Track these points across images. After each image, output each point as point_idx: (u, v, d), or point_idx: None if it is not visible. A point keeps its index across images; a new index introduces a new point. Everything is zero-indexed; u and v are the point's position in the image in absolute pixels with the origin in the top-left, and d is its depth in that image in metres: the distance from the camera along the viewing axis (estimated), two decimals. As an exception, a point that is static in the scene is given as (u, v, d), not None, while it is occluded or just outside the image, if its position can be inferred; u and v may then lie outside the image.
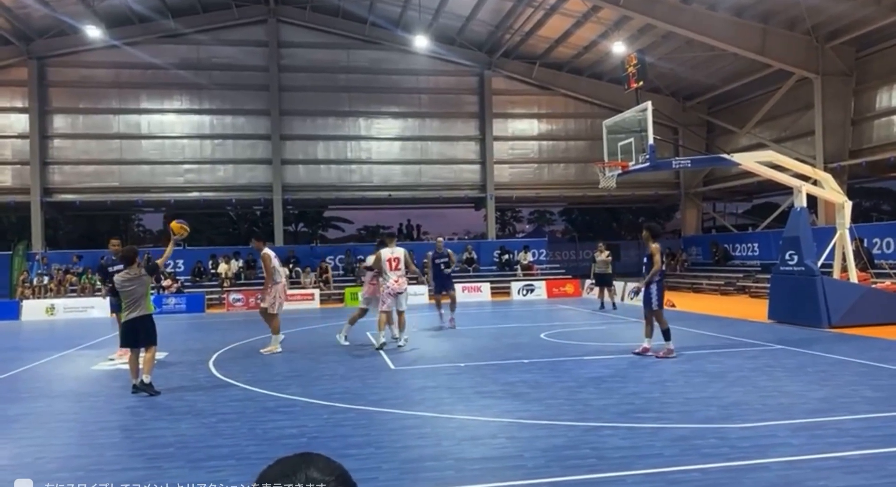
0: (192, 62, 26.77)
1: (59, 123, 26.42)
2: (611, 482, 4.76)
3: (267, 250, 11.61)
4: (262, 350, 11.57)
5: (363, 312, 12.49)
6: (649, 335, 10.29)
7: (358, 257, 26.57)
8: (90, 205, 27.72)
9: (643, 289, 10.24)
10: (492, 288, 24.77)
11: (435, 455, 5.47)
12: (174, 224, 9.43)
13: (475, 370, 9.39)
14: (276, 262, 11.69)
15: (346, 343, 12.08)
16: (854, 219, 14.77)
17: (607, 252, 18.88)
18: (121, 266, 11.11)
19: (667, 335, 10.08)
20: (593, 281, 19.54)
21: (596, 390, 7.85)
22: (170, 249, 9.28)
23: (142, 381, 8.19)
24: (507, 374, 8.99)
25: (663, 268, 10.40)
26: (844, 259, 14.41)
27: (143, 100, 26.91)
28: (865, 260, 15.91)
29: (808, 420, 6.18)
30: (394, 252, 11.77)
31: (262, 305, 11.62)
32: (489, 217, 29.44)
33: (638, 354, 10.22)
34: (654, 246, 10.31)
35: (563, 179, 29.61)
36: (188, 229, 9.46)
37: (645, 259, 10.48)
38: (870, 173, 23.72)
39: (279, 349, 11.59)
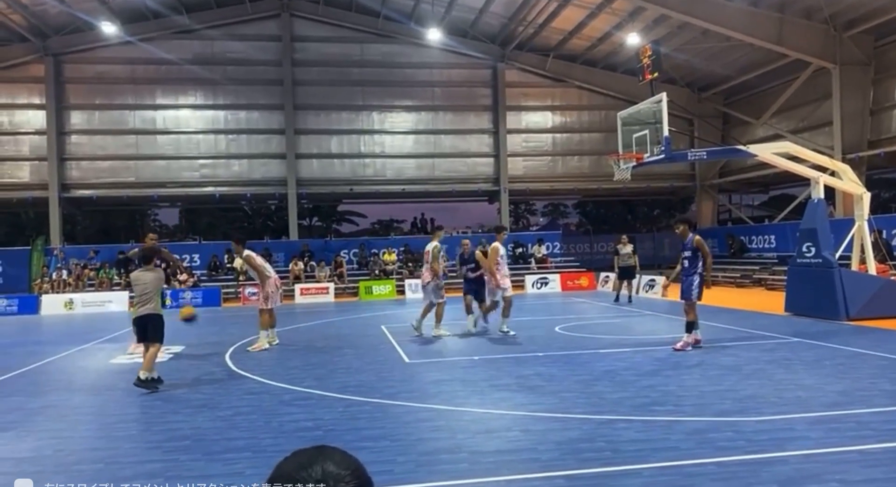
0: (207, 57, 26.90)
1: (76, 119, 26.66)
2: (626, 475, 4.75)
3: (248, 252, 11.62)
4: (249, 348, 11.40)
5: (494, 303, 12.65)
6: (697, 326, 10.32)
7: (372, 251, 26.65)
8: (107, 200, 27.99)
9: (691, 281, 10.16)
10: (506, 281, 24.70)
11: (450, 448, 5.48)
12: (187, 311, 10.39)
13: (489, 364, 9.40)
14: (259, 259, 11.74)
15: (475, 329, 12.59)
16: (872, 210, 14.60)
17: (631, 245, 18.63)
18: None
19: (689, 327, 10.14)
20: (616, 274, 19.25)
21: (611, 383, 7.82)
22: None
23: (138, 377, 8.11)
24: (522, 367, 8.99)
25: (701, 263, 10.24)
26: (863, 251, 14.24)
27: (159, 95, 27.08)
28: (884, 252, 15.72)
29: (826, 414, 6.14)
30: (427, 246, 12.52)
31: (261, 306, 11.59)
32: (503, 210, 29.38)
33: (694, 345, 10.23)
34: (698, 238, 10.26)
35: (577, 171, 29.49)
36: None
37: (688, 253, 10.27)
38: (888, 164, 23.42)
39: (266, 346, 11.47)
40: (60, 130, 26.13)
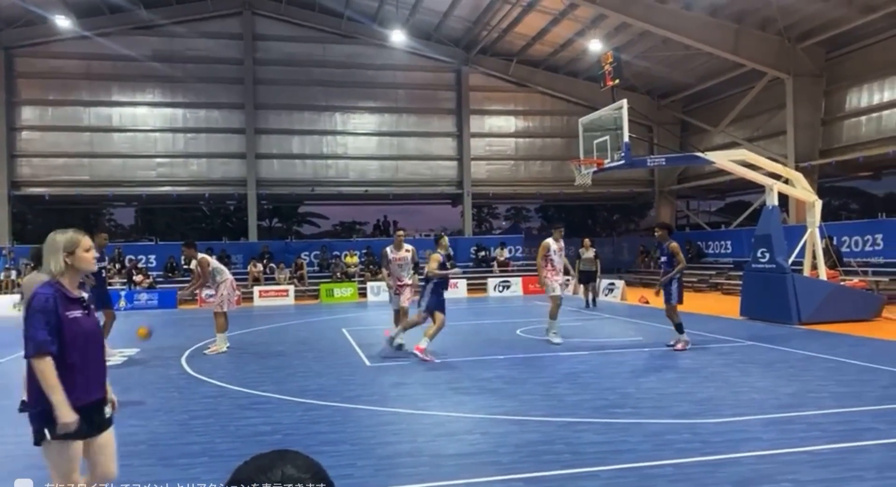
0: (166, 54, 26.37)
1: (28, 114, 25.88)
2: (585, 477, 4.78)
3: (202, 255, 11.37)
4: (206, 351, 11.18)
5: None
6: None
7: (334, 253, 26.43)
8: (59, 199, 27.19)
9: (670, 285, 10.50)
10: (468, 284, 24.80)
11: (410, 452, 5.45)
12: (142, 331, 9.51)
13: (451, 367, 9.39)
14: (215, 263, 11.53)
15: (559, 341, 11.34)
16: (823, 217, 15.02)
17: (594, 249, 18.33)
18: (105, 264, 10.76)
19: (679, 328, 10.45)
20: (577, 279, 18.64)
21: (571, 385, 7.89)
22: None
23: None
24: (483, 370, 9.00)
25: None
26: (814, 257, 14.65)
27: (115, 92, 26.45)
28: (834, 258, 16.19)
29: (779, 415, 6.28)
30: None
31: (217, 309, 11.33)
32: (466, 214, 29.47)
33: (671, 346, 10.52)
34: (674, 245, 10.52)
35: (539, 176, 29.73)
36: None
37: (664, 258, 10.72)
38: (839, 173, 24.16)
39: (225, 349, 11.23)
40: (11, 125, 25.33)
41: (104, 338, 10.85)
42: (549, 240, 12.07)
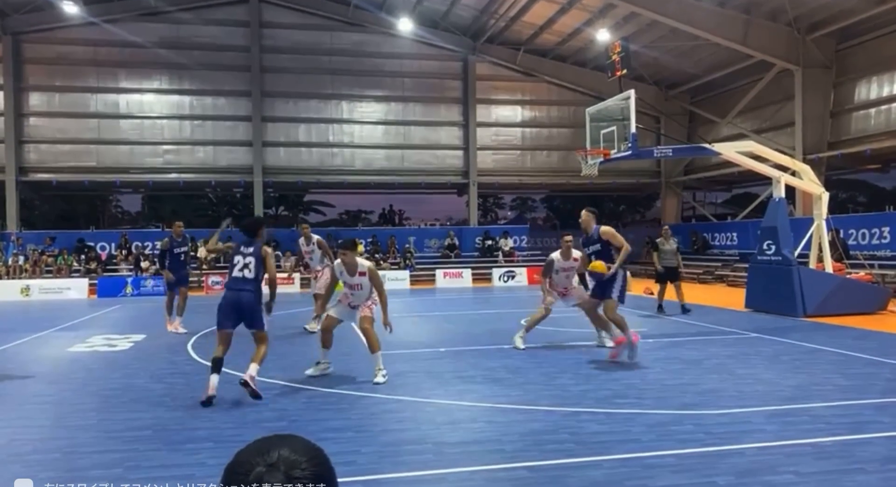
0: (173, 41, 26.33)
1: (35, 100, 25.92)
2: (588, 466, 4.80)
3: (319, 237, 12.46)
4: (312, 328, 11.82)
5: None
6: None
7: (339, 241, 26.42)
8: (67, 185, 27.30)
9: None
10: (473, 274, 24.82)
11: (414, 439, 5.48)
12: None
13: (455, 355, 9.42)
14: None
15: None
16: (830, 210, 14.94)
17: (675, 240, 15.37)
18: (184, 248, 12.43)
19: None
20: (657, 276, 14.99)
21: (574, 375, 7.91)
22: None
23: None
24: (487, 359, 9.03)
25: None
26: (820, 250, 14.60)
27: (122, 79, 26.46)
28: (841, 251, 16.13)
29: (783, 407, 6.28)
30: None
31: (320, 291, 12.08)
32: (471, 203, 29.41)
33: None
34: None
35: (545, 166, 29.66)
36: None
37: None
38: (846, 165, 24.02)
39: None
40: (19, 111, 25.39)
41: (180, 315, 11.85)
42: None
